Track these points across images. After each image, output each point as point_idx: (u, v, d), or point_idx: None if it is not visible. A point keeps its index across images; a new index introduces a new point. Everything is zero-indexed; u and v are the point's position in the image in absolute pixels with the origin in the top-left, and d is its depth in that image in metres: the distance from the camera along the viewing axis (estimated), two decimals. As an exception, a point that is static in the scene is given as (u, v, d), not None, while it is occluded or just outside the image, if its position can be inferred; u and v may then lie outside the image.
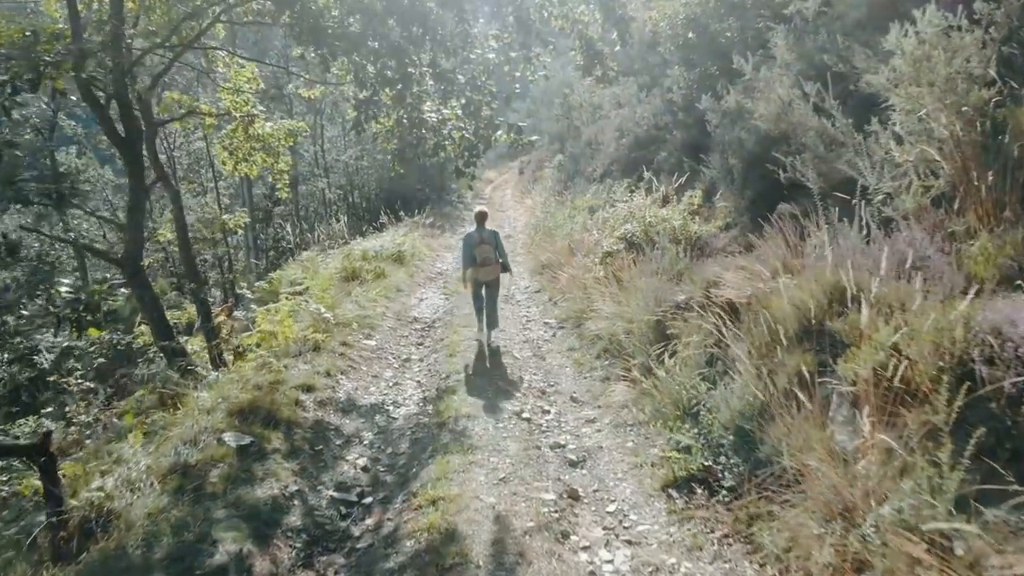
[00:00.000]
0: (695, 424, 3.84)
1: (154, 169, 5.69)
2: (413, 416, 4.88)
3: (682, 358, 4.19)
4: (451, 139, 4.78)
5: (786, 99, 6.51)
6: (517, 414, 4.64)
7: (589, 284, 7.11)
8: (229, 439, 3.86)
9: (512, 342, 6.70)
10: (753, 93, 7.47)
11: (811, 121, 6.08)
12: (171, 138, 17.43)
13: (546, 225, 12.16)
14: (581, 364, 5.84)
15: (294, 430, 4.31)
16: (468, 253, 6.04)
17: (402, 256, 10.98)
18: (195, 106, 6.17)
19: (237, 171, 7.41)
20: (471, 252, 6.01)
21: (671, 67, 13.51)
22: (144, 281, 5.43)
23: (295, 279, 8.98)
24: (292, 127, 7.35)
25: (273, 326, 6.16)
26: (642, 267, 5.93)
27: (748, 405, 3.50)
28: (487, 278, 6.13)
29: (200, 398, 4.43)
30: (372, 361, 6.11)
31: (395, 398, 5.24)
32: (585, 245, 8.59)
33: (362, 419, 4.78)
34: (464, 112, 4.49)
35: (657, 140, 11.35)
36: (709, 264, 5.83)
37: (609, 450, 4.06)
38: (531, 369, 5.81)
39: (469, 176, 4.88)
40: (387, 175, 20.16)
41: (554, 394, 5.21)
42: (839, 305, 3.49)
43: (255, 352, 5.66)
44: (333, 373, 5.40)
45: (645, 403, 4.41)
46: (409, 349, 6.78)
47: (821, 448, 3.06)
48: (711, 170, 8.70)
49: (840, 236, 4.16)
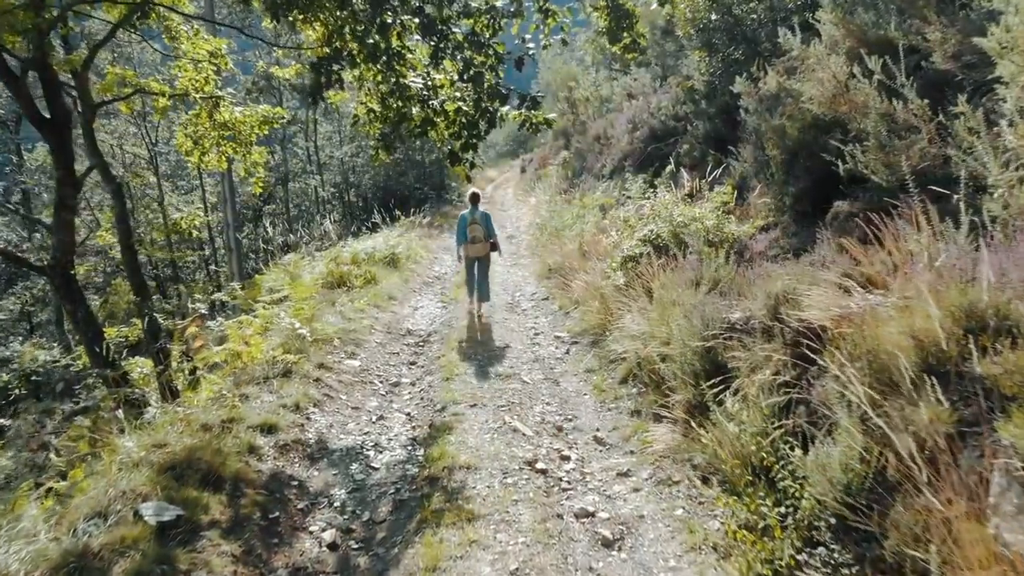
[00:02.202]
0: (770, 491, 2.88)
1: (90, 158, 4.75)
2: (398, 464, 3.90)
3: (747, 398, 3.22)
4: (444, 114, 3.78)
5: (841, 78, 5.54)
6: (530, 464, 3.68)
7: (608, 293, 6.14)
8: (148, 512, 2.89)
9: (519, 361, 5.73)
10: (795, 74, 6.51)
11: (876, 103, 5.11)
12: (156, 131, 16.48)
13: (552, 225, 11.20)
14: (603, 391, 4.88)
15: (243, 490, 3.34)
16: (461, 231, 6.77)
17: (396, 259, 10.03)
18: (144, 84, 5.22)
19: (204, 163, 6.45)
20: (464, 231, 6.72)
21: (688, 54, 12.56)
22: (76, 294, 4.48)
23: (275, 286, 8.02)
24: (267, 113, 6.39)
25: (237, 344, 5.20)
26: (676, 275, 4.96)
27: (856, 476, 2.53)
28: (477, 255, 6.80)
29: (125, 448, 3.46)
30: (354, 387, 5.13)
31: (378, 438, 4.27)
32: (599, 247, 7.62)
33: (334, 469, 3.81)
34: (461, 78, 3.49)
35: (675, 132, 10.39)
36: (759, 272, 4.88)
37: (653, 520, 3.09)
38: (543, 397, 4.85)
39: (466, 163, 3.91)
40: (383, 173, 19.22)
41: (573, 432, 4.25)
42: (982, 337, 2.52)
43: (211, 379, 4.71)
44: (303, 406, 4.43)
45: (695, 454, 3.44)
46: (399, 370, 5.80)
47: (981, 551, 2.10)
48: (742, 163, 7.75)
49: (941, 241, 3.21)
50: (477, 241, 6.77)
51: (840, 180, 5.46)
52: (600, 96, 17.83)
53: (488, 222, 6.86)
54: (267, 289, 7.99)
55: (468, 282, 7.03)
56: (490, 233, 6.88)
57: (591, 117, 18.00)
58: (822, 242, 5.18)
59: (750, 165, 7.59)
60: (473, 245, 6.77)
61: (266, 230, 11.21)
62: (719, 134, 9.54)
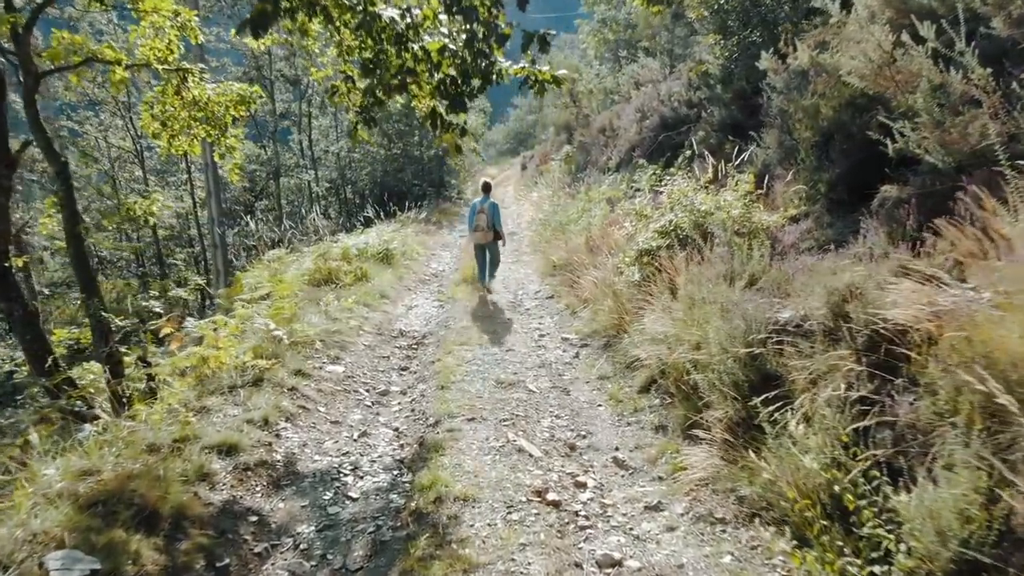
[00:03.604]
0: (845, 537, 2.25)
1: (34, 135, 4.13)
2: (381, 494, 3.26)
3: (812, 418, 2.58)
4: (427, 60, 3.09)
5: (887, 47, 4.91)
6: (539, 494, 3.05)
7: (622, 290, 5.52)
8: (55, 565, 2.26)
9: (524, 366, 5.11)
10: (828, 48, 5.89)
11: (930, 73, 4.49)
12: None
13: (556, 220, 10.58)
14: (620, 402, 4.25)
15: (186, 530, 2.71)
16: (471, 218, 7.37)
17: (390, 255, 9.39)
18: (96, 52, 4.59)
19: (174, 148, 5.83)
20: (473, 218, 7.32)
21: (698, 40, 11.93)
22: (12, 290, 3.86)
23: (257, 283, 7.40)
24: (243, 92, 5.76)
25: (205, 349, 4.57)
26: (704, 269, 4.33)
27: (979, 526, 1.90)
28: (481, 241, 7.37)
29: (46, 477, 2.83)
30: (335, 397, 4.50)
31: (358, 459, 3.63)
32: (609, 241, 6.99)
33: (303, 500, 3.17)
34: (449, 9, 2.76)
35: (688, 120, 9.75)
36: (797, 266, 4.26)
37: (696, 571, 2.46)
38: (552, 409, 4.22)
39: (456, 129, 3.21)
40: (380, 169, 18.58)
41: (588, 451, 3.62)
42: None
43: (170, 388, 4.08)
44: (273, 421, 3.79)
45: (740, 483, 2.82)
46: (389, 377, 5.17)
47: None
48: (764, 149, 7.13)
49: None
50: (480, 229, 7.27)
51: (885, 162, 4.85)
52: (604, 88, 17.22)
53: (495, 211, 7.34)
54: (249, 287, 7.37)
55: (478, 265, 7.65)
56: (495, 222, 7.32)
57: (594, 110, 17.39)
58: (868, 231, 4.58)
59: (773, 151, 6.97)
60: (476, 232, 7.30)
61: (247, 225, 10.53)
62: (735, 120, 8.92)
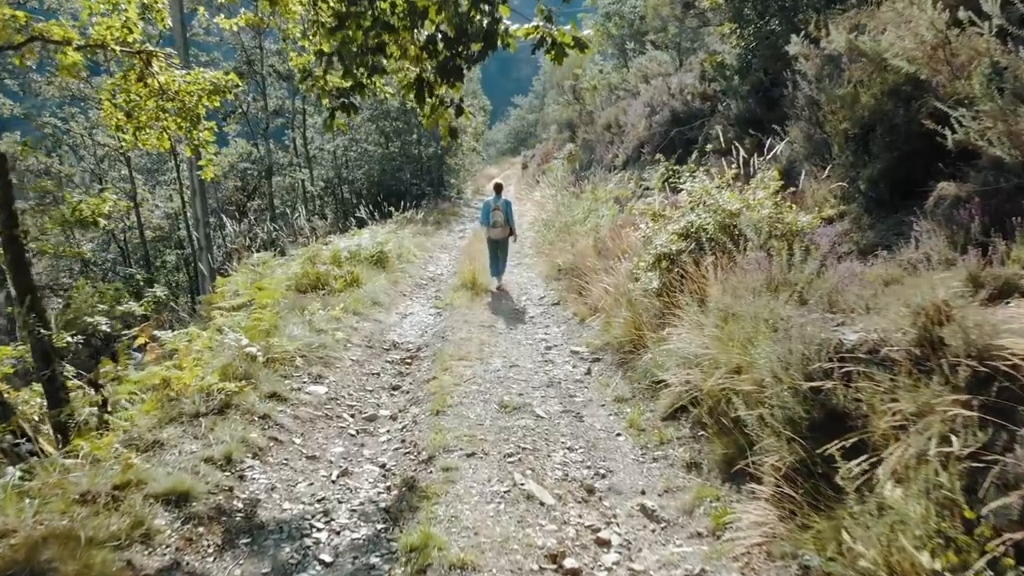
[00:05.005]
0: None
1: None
2: (360, 554, 2.68)
3: (907, 473, 2.01)
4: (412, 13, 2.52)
5: (940, 26, 4.35)
6: (554, 559, 2.47)
7: (638, 299, 4.95)
8: None
9: (530, 385, 4.54)
10: (864, 32, 5.34)
11: (997, 54, 3.94)
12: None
13: (561, 221, 10.01)
14: (642, 431, 3.69)
15: (108, 616, 2.14)
16: (485, 215, 7.80)
17: (384, 258, 8.83)
18: (42, 30, 4.03)
19: (141, 142, 5.27)
20: (488, 215, 7.73)
21: (710, 31, 11.37)
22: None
23: (238, 289, 6.82)
24: (217, 80, 5.19)
25: (166, 370, 4.00)
26: (741, 278, 3.76)
27: None
28: (497, 237, 7.79)
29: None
30: (314, 425, 3.93)
31: (335, 506, 3.05)
32: (621, 244, 6.42)
33: (262, 562, 2.59)
34: None
35: (701, 114, 9.18)
36: (841, 274, 3.70)
37: None
38: (564, 439, 3.65)
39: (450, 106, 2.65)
40: (378, 168, 18.01)
41: (609, 495, 3.05)
42: None
43: (119, 419, 3.51)
44: (237, 458, 3.22)
45: (806, 549, 2.25)
46: (378, 398, 4.60)
47: None
48: (790, 144, 6.56)
49: None
50: (498, 225, 7.70)
51: (936, 157, 4.30)
52: (609, 84, 16.64)
53: (509, 209, 7.79)
54: (230, 293, 6.80)
55: (491, 259, 7.95)
56: (509, 219, 7.75)
57: (599, 107, 16.82)
58: (922, 235, 4.02)
59: (800, 145, 6.40)
60: (493, 229, 7.71)
61: (232, 226, 9.94)
62: (753, 114, 8.35)
